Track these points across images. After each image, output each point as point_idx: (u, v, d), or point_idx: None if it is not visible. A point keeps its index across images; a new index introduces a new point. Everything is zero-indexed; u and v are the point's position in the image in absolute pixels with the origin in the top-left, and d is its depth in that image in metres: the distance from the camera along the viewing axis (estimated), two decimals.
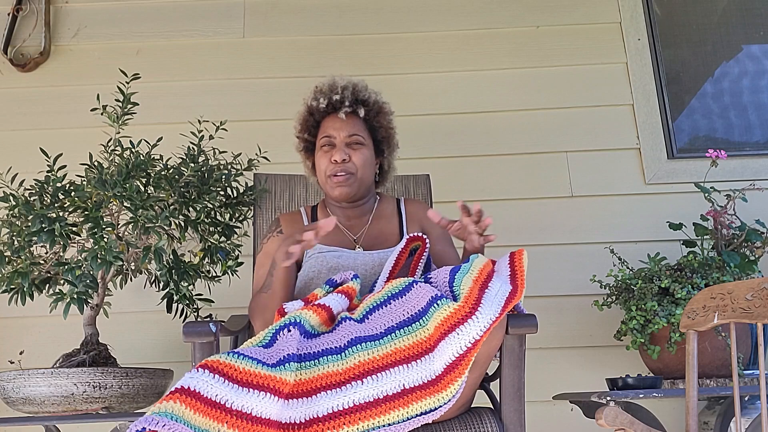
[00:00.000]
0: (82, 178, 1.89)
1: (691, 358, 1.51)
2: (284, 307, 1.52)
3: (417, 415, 1.25)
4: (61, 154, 1.91)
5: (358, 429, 1.21)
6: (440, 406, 1.26)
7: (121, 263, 1.81)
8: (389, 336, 1.32)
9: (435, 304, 1.29)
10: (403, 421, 1.24)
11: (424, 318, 1.30)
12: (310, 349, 1.33)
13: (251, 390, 1.19)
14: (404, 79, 2.72)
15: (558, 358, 2.46)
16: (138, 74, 1.97)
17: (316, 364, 1.30)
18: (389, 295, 1.40)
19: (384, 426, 1.23)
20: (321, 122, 1.84)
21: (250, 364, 1.22)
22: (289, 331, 1.34)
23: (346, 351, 1.30)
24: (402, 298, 1.37)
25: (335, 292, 1.51)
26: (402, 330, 1.32)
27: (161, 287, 1.94)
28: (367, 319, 1.39)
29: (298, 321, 1.37)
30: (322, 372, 1.28)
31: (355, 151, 1.77)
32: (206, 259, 2.01)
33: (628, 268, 2.18)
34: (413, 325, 1.32)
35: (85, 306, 1.81)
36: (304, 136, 1.87)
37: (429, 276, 1.45)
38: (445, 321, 1.26)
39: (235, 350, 1.26)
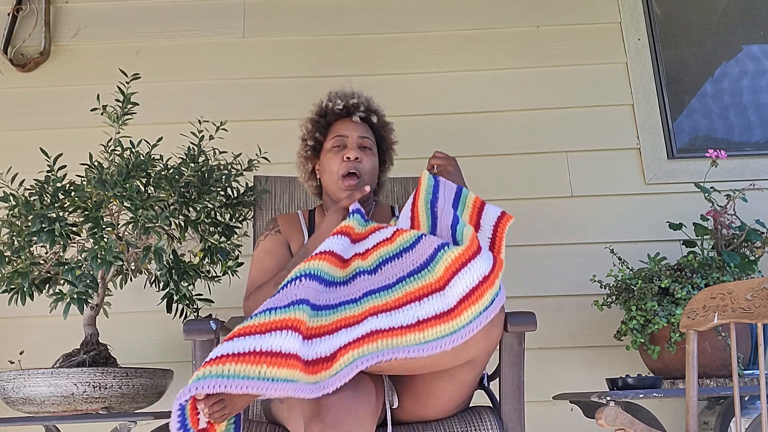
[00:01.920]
0: (82, 178, 1.89)
1: (691, 358, 1.51)
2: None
3: (434, 340, 1.28)
4: (61, 154, 1.91)
5: (377, 347, 1.26)
6: (457, 331, 1.29)
7: (121, 263, 1.81)
8: (400, 284, 1.37)
9: (442, 250, 1.35)
10: (421, 344, 1.27)
11: (431, 264, 1.36)
12: (329, 301, 1.39)
13: (272, 332, 1.24)
14: (404, 79, 2.72)
15: (558, 358, 2.46)
16: (138, 74, 1.97)
17: (334, 312, 1.36)
18: (401, 248, 1.46)
19: (402, 347, 1.26)
20: (332, 124, 1.84)
21: (263, 316, 1.28)
22: (300, 281, 1.38)
23: (361, 300, 1.37)
24: (412, 250, 1.43)
25: (331, 236, 1.53)
26: (411, 277, 1.37)
27: (161, 287, 1.94)
28: (380, 269, 1.45)
29: (309, 272, 1.41)
30: (340, 316, 1.34)
31: (365, 155, 1.78)
32: (206, 259, 2.01)
33: (628, 268, 2.18)
34: (422, 272, 1.37)
35: (85, 306, 1.81)
36: (314, 135, 1.84)
37: (434, 232, 1.52)
38: (454, 262, 1.32)
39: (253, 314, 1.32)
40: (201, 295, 2.01)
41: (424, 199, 1.60)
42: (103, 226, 1.76)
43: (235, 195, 2.10)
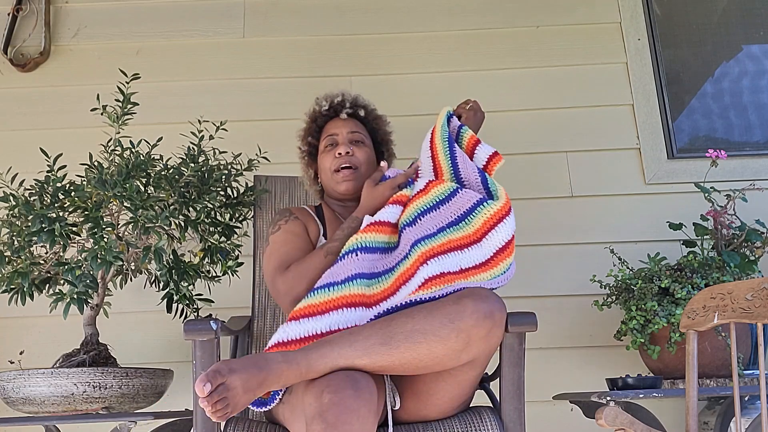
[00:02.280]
0: (82, 178, 1.89)
1: (691, 358, 1.51)
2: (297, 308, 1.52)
3: (477, 283, 1.44)
4: (61, 154, 1.91)
5: (431, 291, 1.41)
6: (494, 278, 1.46)
7: (121, 263, 1.81)
8: (441, 233, 1.51)
9: (481, 206, 1.50)
10: (468, 284, 1.43)
11: (469, 217, 1.51)
12: (387, 266, 1.52)
13: (331, 312, 1.42)
14: (404, 79, 2.72)
15: (558, 358, 2.46)
16: (138, 74, 1.97)
17: (392, 273, 1.49)
18: (437, 200, 1.57)
19: (452, 285, 1.41)
20: (323, 127, 1.90)
21: (322, 293, 1.45)
22: (357, 255, 1.52)
23: (410, 253, 1.49)
24: (448, 203, 1.55)
25: (389, 204, 1.62)
26: (451, 228, 1.51)
27: (161, 287, 1.94)
28: (419, 220, 1.56)
29: (363, 245, 1.54)
30: (397, 275, 1.48)
31: (357, 148, 1.82)
32: (206, 259, 2.01)
33: (628, 268, 2.18)
34: (461, 224, 1.52)
35: (85, 306, 1.81)
36: (307, 139, 1.91)
37: (461, 178, 1.61)
38: (492, 217, 1.48)
39: (313, 288, 1.48)
40: (201, 295, 2.01)
41: (441, 136, 1.69)
42: (103, 226, 1.76)
43: (235, 195, 2.10)
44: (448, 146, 1.67)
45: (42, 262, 1.89)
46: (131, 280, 2.08)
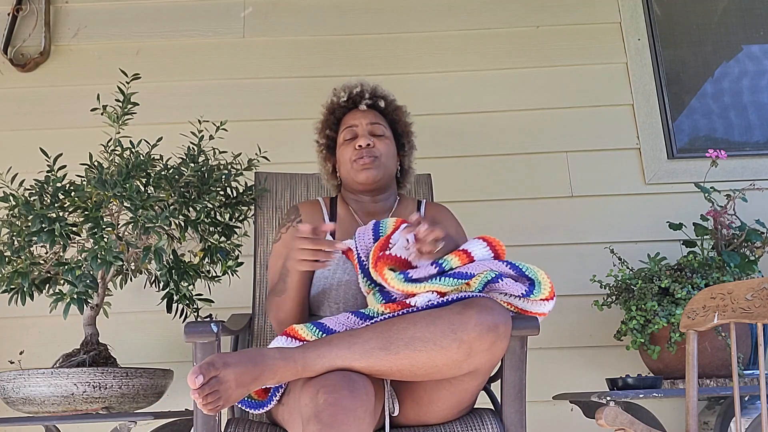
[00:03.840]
0: (82, 178, 1.89)
1: (691, 358, 1.51)
2: (294, 327, 1.51)
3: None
4: (61, 154, 1.91)
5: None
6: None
7: (121, 263, 1.81)
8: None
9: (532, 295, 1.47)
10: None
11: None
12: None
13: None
14: (404, 79, 2.72)
15: (558, 358, 2.46)
16: (138, 74, 1.97)
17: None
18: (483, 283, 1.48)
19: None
20: (342, 118, 1.85)
21: (311, 332, 1.45)
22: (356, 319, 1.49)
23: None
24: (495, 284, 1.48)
25: (482, 241, 1.53)
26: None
27: (161, 287, 1.94)
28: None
29: (367, 314, 1.49)
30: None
31: (378, 140, 1.77)
32: (206, 259, 2.01)
33: (628, 268, 2.18)
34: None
35: (85, 306, 1.81)
36: (325, 132, 1.86)
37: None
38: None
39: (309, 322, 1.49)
40: (201, 295, 2.01)
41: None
42: (103, 226, 1.76)
43: (235, 195, 2.10)
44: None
45: (42, 262, 1.89)
46: (131, 280, 2.08)
